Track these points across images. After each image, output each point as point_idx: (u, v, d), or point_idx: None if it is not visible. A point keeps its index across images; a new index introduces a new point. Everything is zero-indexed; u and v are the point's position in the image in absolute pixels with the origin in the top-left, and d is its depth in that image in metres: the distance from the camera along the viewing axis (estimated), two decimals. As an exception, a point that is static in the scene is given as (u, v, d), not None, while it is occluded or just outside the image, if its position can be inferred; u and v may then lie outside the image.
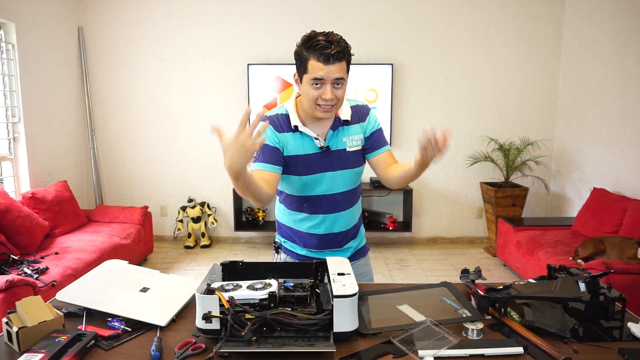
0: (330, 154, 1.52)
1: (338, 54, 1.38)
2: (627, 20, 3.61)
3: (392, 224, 4.53)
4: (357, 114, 1.58)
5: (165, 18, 4.53)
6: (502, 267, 4.12)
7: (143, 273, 1.47)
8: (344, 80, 1.43)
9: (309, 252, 1.63)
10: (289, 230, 1.64)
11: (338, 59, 1.38)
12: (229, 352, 1.05)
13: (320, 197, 1.55)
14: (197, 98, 4.66)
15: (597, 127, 4.00)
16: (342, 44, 1.40)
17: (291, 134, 1.51)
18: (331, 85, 1.40)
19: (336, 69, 1.39)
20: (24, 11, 3.76)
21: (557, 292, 1.26)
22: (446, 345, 1.07)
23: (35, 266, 2.88)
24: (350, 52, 1.45)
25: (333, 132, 1.53)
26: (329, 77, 1.38)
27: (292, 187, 1.56)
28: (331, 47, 1.37)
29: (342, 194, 1.56)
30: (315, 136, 1.51)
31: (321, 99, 1.41)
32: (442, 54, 4.55)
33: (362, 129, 1.57)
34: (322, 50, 1.36)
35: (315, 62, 1.38)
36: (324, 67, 1.37)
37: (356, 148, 1.56)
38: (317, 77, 1.38)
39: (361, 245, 1.71)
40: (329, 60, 1.37)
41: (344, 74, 1.42)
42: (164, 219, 4.87)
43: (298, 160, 1.51)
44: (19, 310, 1.12)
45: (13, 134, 3.75)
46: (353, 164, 1.55)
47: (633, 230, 3.13)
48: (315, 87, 1.41)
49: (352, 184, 1.58)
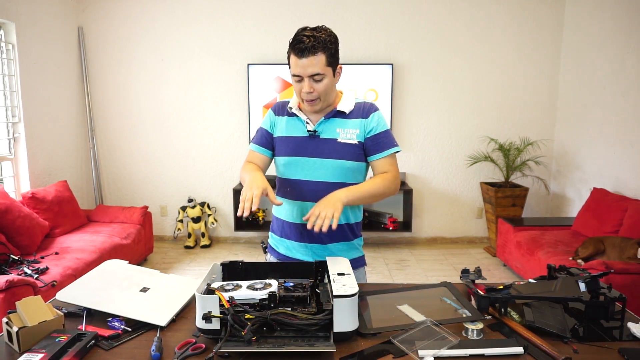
0: (318, 140, 1.53)
1: (312, 48, 1.38)
2: (628, 20, 3.61)
3: (392, 224, 4.53)
4: (360, 110, 1.56)
5: (166, 18, 4.53)
6: (502, 267, 4.12)
7: (143, 273, 1.47)
8: (322, 75, 1.43)
9: (290, 249, 1.60)
10: (276, 221, 1.66)
11: (312, 52, 1.39)
12: (229, 352, 1.05)
13: (302, 182, 1.54)
14: (197, 98, 4.66)
15: (597, 127, 4.00)
16: (321, 37, 1.39)
17: (287, 118, 1.59)
18: (309, 79, 1.42)
19: (309, 63, 1.40)
20: (24, 11, 3.76)
21: (557, 292, 1.26)
22: (446, 345, 1.07)
23: (35, 266, 2.88)
24: (333, 44, 1.43)
25: (325, 120, 1.54)
26: (304, 72, 1.41)
27: (279, 169, 1.61)
28: (306, 40, 1.38)
29: (326, 184, 1.51)
30: (306, 119, 1.55)
31: (303, 93, 1.46)
32: (442, 54, 4.55)
33: (361, 125, 1.53)
34: (297, 45, 1.40)
35: (293, 57, 1.43)
36: (298, 62, 1.41)
37: (349, 141, 1.52)
38: (294, 74, 1.44)
39: (353, 256, 1.59)
40: (302, 54, 1.39)
41: (322, 68, 1.41)
42: (164, 219, 4.87)
43: (284, 141, 1.57)
44: (19, 310, 1.12)
45: (13, 134, 3.75)
46: (343, 156, 1.51)
47: (633, 230, 3.13)
48: (297, 82, 1.46)
49: (340, 176, 1.52)
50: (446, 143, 4.70)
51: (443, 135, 4.68)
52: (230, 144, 4.72)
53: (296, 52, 1.40)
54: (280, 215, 1.63)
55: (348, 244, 1.61)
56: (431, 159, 4.72)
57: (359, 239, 1.66)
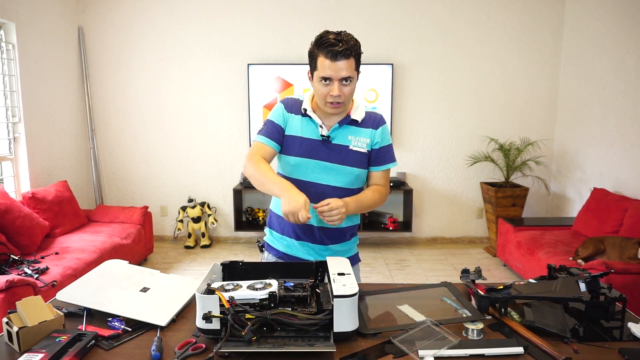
0: (330, 146, 1.55)
1: (345, 51, 1.41)
2: (628, 20, 3.61)
3: (392, 224, 4.53)
4: (370, 120, 1.60)
5: (166, 18, 4.53)
6: (502, 267, 4.12)
7: (143, 273, 1.47)
8: (352, 78, 1.46)
9: (289, 247, 1.62)
10: (277, 217, 1.65)
11: (345, 56, 1.41)
12: (229, 352, 1.05)
13: (309, 183, 1.55)
14: (197, 98, 4.66)
15: (597, 127, 4.00)
16: (350, 42, 1.43)
17: (299, 117, 1.57)
18: (339, 82, 1.44)
19: (343, 66, 1.42)
20: (24, 11, 3.76)
21: (558, 292, 1.26)
22: (446, 345, 1.07)
23: (35, 266, 2.88)
24: (360, 50, 1.47)
25: (339, 126, 1.55)
26: (336, 75, 1.43)
27: (286, 167, 1.59)
28: (339, 44, 1.40)
29: (332, 189, 1.55)
30: (320, 123, 1.55)
31: (330, 96, 1.46)
32: (443, 54, 4.55)
33: (371, 135, 1.58)
34: (330, 48, 1.40)
35: (324, 60, 1.43)
36: (331, 65, 1.42)
37: (360, 149, 1.57)
38: (324, 76, 1.44)
39: (348, 255, 1.66)
40: (336, 57, 1.41)
41: (352, 72, 1.45)
42: (164, 219, 4.87)
43: (296, 141, 1.56)
44: (19, 310, 1.12)
45: (13, 134, 3.75)
46: (352, 163, 1.56)
47: (633, 230, 3.13)
48: (324, 84, 1.46)
49: (345, 182, 1.57)
50: (446, 143, 4.70)
51: (443, 135, 4.68)
52: (230, 144, 4.72)
53: (330, 55, 1.41)
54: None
55: (347, 244, 1.68)
56: (431, 159, 4.72)
57: (356, 238, 1.74)
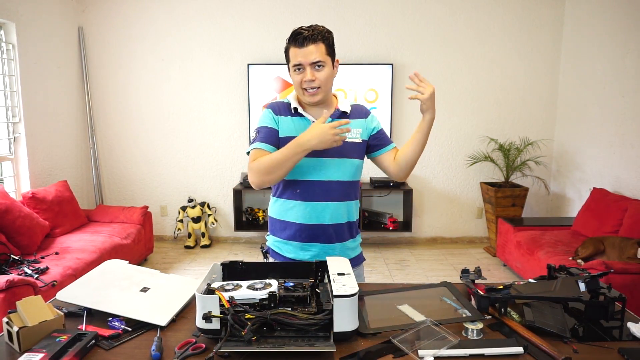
0: None
1: (311, 36, 1.46)
2: (627, 20, 3.61)
3: (392, 224, 4.53)
4: (357, 111, 1.65)
5: (166, 18, 4.53)
6: (502, 267, 4.12)
7: (143, 273, 1.47)
8: (323, 62, 1.49)
9: (296, 251, 1.59)
10: (280, 223, 1.61)
11: (312, 41, 1.46)
12: (229, 352, 1.05)
13: (314, 182, 1.55)
14: (197, 98, 4.66)
15: (597, 127, 4.00)
16: (318, 28, 1.48)
17: (290, 118, 1.58)
18: (311, 67, 1.48)
19: (312, 50, 1.46)
20: (24, 11, 3.76)
21: (557, 292, 1.26)
22: (446, 345, 1.07)
23: (35, 266, 2.88)
24: (330, 36, 1.52)
25: (331, 120, 1.53)
26: (305, 60, 1.47)
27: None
28: (305, 32, 1.46)
29: (336, 183, 1.56)
30: (312, 120, 1.56)
31: (304, 82, 1.49)
32: (442, 54, 4.55)
33: (363, 125, 1.62)
34: (297, 36, 1.47)
35: (293, 48, 1.49)
36: (299, 51, 1.47)
37: (355, 140, 1.60)
38: (295, 63, 1.49)
39: (356, 253, 1.67)
40: (303, 43, 1.46)
41: (322, 56, 1.48)
42: (164, 219, 4.87)
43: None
44: (20, 310, 1.12)
45: (13, 134, 3.75)
46: (350, 154, 1.58)
47: (633, 230, 3.13)
48: (297, 73, 1.50)
49: (348, 175, 1.58)
50: (446, 143, 4.70)
51: (443, 135, 4.68)
52: (230, 144, 4.72)
53: (297, 42, 1.47)
54: (288, 217, 1.58)
55: (353, 241, 1.68)
56: (431, 159, 4.72)
57: (359, 236, 1.73)
